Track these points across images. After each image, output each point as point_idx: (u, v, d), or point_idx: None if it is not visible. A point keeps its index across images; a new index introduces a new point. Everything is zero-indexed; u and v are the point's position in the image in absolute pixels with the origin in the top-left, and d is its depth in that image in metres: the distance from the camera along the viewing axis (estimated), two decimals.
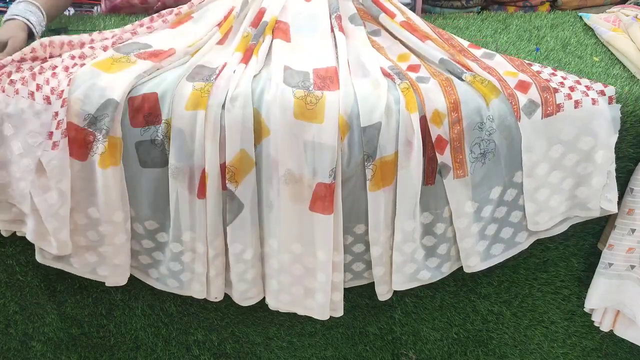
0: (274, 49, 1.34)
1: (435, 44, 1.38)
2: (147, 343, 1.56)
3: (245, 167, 1.22)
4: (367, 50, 1.36)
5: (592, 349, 1.60)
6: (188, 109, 1.19)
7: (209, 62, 1.31)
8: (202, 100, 1.19)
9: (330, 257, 1.27)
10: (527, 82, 1.26)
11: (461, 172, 1.25)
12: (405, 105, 1.21)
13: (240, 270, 1.32)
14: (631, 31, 1.48)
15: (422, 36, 1.40)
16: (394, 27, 1.43)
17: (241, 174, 1.22)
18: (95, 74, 1.22)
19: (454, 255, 1.36)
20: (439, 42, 1.40)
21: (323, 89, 1.23)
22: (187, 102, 1.19)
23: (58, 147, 1.19)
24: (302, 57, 1.33)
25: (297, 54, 1.34)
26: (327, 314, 1.35)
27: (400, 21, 1.43)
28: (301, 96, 1.20)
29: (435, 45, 1.37)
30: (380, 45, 1.42)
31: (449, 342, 1.58)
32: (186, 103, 1.19)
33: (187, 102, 1.19)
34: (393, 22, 1.43)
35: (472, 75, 1.28)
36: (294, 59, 1.31)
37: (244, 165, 1.22)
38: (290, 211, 1.25)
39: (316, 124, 1.19)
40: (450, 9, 1.86)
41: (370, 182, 1.23)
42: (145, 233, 1.32)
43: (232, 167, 1.21)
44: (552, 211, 1.33)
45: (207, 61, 1.31)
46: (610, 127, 1.27)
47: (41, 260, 1.32)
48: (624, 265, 1.39)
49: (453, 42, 1.43)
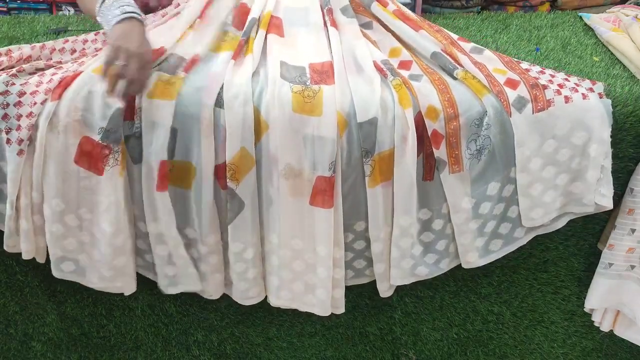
0: (268, 45, 1.33)
1: (428, 32, 1.37)
2: (147, 343, 1.56)
3: (245, 165, 1.22)
4: (360, 43, 1.35)
5: (592, 349, 1.60)
6: (150, 97, 1.18)
7: (179, 50, 1.29)
8: (166, 90, 1.19)
9: (330, 252, 1.27)
10: (516, 80, 1.27)
11: (457, 168, 1.26)
12: (399, 101, 1.21)
13: (240, 270, 1.32)
14: (631, 31, 1.48)
15: (415, 25, 1.39)
16: (387, 17, 1.42)
17: (242, 172, 1.22)
18: (94, 80, 1.21)
19: (452, 252, 1.36)
20: (431, 31, 1.39)
21: (320, 83, 1.23)
22: (150, 90, 1.18)
23: (24, 153, 1.20)
24: (297, 52, 1.32)
25: (292, 49, 1.33)
26: (328, 310, 1.35)
27: (393, 10, 1.43)
28: (299, 90, 1.20)
29: (427, 35, 1.37)
30: (372, 39, 1.41)
31: (449, 342, 1.58)
32: (149, 91, 1.18)
33: (150, 90, 1.18)
34: (385, 12, 1.42)
35: (463, 71, 1.29)
36: (290, 54, 1.31)
37: (244, 163, 1.21)
38: (290, 206, 1.25)
39: (315, 117, 1.19)
40: (450, 9, 1.87)
41: (369, 178, 1.23)
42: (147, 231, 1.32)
43: (232, 165, 1.21)
44: (547, 207, 1.33)
45: (179, 50, 1.29)
46: (602, 120, 1.27)
47: (58, 275, 1.33)
48: (624, 265, 1.39)
49: (443, 33, 1.43)
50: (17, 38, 1.55)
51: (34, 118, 1.20)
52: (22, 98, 1.21)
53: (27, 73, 1.26)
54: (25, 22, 1.66)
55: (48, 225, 1.26)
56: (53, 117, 1.20)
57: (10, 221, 1.27)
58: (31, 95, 1.21)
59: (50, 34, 1.59)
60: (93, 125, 1.20)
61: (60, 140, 1.21)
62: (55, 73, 1.25)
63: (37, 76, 1.25)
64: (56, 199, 1.24)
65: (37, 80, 1.23)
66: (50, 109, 1.19)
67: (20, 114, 1.21)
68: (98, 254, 1.29)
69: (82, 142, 1.21)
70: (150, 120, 1.19)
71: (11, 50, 1.34)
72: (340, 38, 1.35)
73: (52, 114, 1.19)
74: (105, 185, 1.22)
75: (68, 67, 1.28)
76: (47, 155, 1.22)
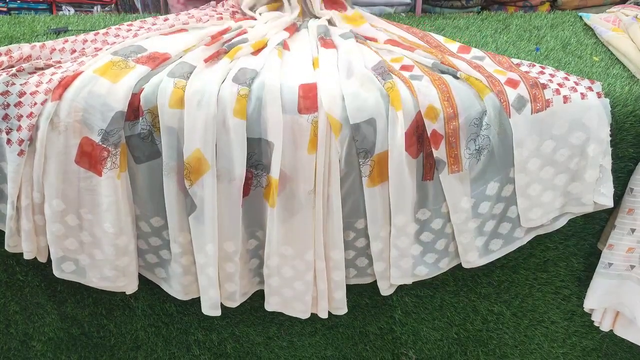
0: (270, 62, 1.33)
1: (424, 51, 1.39)
2: (148, 343, 1.56)
3: (199, 167, 1.24)
4: (355, 49, 1.36)
5: (592, 349, 1.60)
6: (172, 107, 1.19)
7: (191, 59, 1.30)
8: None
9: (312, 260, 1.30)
10: (516, 80, 1.27)
11: (456, 168, 1.26)
12: (390, 103, 1.22)
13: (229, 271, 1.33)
14: (631, 31, 1.48)
15: (409, 47, 1.41)
16: (382, 46, 1.44)
17: (196, 173, 1.23)
18: (95, 80, 1.22)
19: (452, 252, 1.36)
20: (427, 49, 1.41)
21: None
22: (170, 100, 1.19)
23: (24, 153, 1.21)
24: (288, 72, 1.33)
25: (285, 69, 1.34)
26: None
27: (384, 41, 1.46)
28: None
29: (424, 52, 1.38)
30: (373, 49, 1.43)
31: (449, 342, 1.58)
32: (169, 100, 1.19)
33: (170, 99, 1.19)
34: (378, 44, 1.45)
35: (464, 75, 1.29)
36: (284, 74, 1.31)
37: (198, 165, 1.23)
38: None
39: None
40: (450, 9, 1.87)
41: (367, 179, 1.24)
42: (151, 230, 1.32)
43: (188, 165, 1.22)
44: (546, 207, 1.33)
45: (191, 59, 1.30)
46: (601, 120, 1.27)
47: (59, 275, 1.34)
48: (624, 265, 1.39)
49: (442, 48, 1.45)
50: (17, 38, 1.55)
51: (34, 118, 1.20)
52: (22, 98, 1.21)
53: (27, 72, 1.27)
54: (25, 22, 1.66)
55: (49, 225, 1.27)
56: (54, 118, 1.20)
57: (11, 221, 1.27)
58: (31, 95, 1.21)
59: (50, 34, 1.59)
60: (93, 126, 1.20)
61: (60, 140, 1.21)
62: (55, 73, 1.25)
63: (36, 76, 1.25)
64: (57, 199, 1.24)
65: (36, 80, 1.23)
66: (51, 109, 1.19)
67: (20, 114, 1.21)
68: (100, 253, 1.30)
69: (82, 143, 1.21)
70: (169, 126, 1.22)
71: (11, 50, 1.34)
72: (338, 50, 1.37)
73: (52, 114, 1.19)
74: (105, 185, 1.23)
75: (68, 67, 1.28)
76: (47, 156, 1.22)
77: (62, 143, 1.21)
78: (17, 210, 1.27)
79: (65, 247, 1.30)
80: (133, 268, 1.34)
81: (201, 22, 1.52)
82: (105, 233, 1.27)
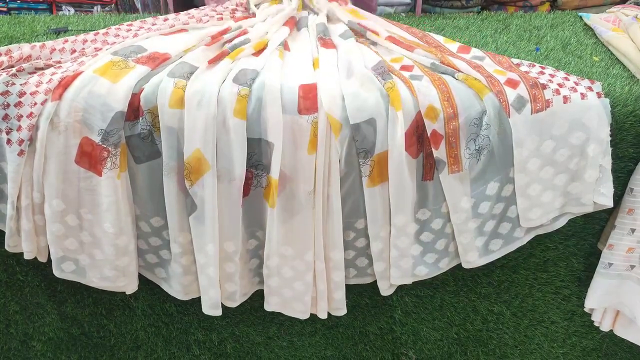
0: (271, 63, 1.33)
1: (424, 50, 1.39)
2: (148, 343, 1.56)
3: (200, 167, 1.24)
4: (355, 49, 1.36)
5: (592, 349, 1.60)
6: (172, 107, 1.20)
7: (192, 59, 1.30)
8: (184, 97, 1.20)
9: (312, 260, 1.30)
10: (516, 80, 1.27)
11: (456, 168, 1.26)
12: (390, 103, 1.22)
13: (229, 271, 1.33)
14: (631, 31, 1.48)
15: (408, 47, 1.41)
16: (382, 42, 1.44)
17: (196, 173, 1.23)
18: (95, 80, 1.22)
19: (452, 251, 1.36)
20: (427, 48, 1.41)
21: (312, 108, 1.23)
22: (170, 100, 1.20)
23: (24, 153, 1.20)
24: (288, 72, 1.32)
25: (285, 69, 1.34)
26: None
27: (386, 37, 1.45)
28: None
29: (424, 52, 1.38)
30: (373, 49, 1.43)
31: (449, 342, 1.58)
32: (169, 100, 1.20)
33: (170, 99, 1.20)
34: (379, 38, 1.45)
35: (464, 75, 1.29)
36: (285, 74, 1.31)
37: (198, 165, 1.23)
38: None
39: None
40: (450, 9, 1.87)
41: (367, 179, 1.24)
42: (151, 230, 1.32)
43: (188, 165, 1.22)
44: (545, 207, 1.33)
45: (191, 59, 1.30)
46: (601, 119, 1.27)
47: (59, 275, 1.34)
48: (624, 265, 1.39)
49: (442, 48, 1.45)
50: (17, 38, 1.55)
51: (34, 118, 1.20)
52: (22, 98, 1.21)
53: (27, 72, 1.27)
54: (25, 22, 1.66)
55: (49, 225, 1.27)
56: (54, 118, 1.20)
57: (11, 221, 1.27)
58: (31, 95, 1.21)
59: (50, 34, 1.59)
60: (93, 126, 1.20)
61: (61, 140, 1.21)
62: (55, 73, 1.25)
63: (36, 76, 1.25)
64: (57, 199, 1.24)
65: (36, 80, 1.23)
66: (51, 109, 1.19)
67: (20, 115, 1.21)
68: (100, 253, 1.30)
69: (82, 143, 1.21)
70: (169, 126, 1.22)
71: (11, 50, 1.34)
72: (338, 51, 1.37)
73: (52, 114, 1.20)
74: (105, 185, 1.23)
75: (68, 67, 1.28)
76: (47, 156, 1.22)
77: (62, 143, 1.21)
78: (17, 210, 1.27)
79: (65, 247, 1.30)
80: (133, 268, 1.34)
81: (201, 22, 1.52)
82: (105, 233, 1.27)
